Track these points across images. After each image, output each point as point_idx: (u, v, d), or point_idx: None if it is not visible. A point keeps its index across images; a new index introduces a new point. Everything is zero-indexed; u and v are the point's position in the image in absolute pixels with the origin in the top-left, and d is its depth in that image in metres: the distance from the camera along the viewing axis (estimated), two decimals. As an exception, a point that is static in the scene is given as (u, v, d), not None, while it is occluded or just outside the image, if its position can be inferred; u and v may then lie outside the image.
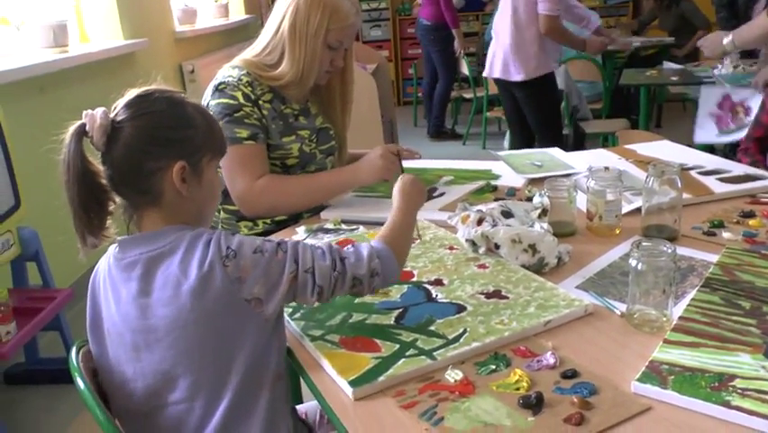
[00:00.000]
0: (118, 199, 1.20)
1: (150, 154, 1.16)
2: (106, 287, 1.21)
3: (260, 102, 1.94)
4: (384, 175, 1.94)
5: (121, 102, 1.19)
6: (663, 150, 2.43)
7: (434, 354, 1.17)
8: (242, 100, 1.91)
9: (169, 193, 1.18)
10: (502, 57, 4.11)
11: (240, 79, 1.93)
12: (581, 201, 1.78)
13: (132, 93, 1.20)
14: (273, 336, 1.18)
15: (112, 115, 1.17)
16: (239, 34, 6.49)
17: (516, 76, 4.07)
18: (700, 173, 2.10)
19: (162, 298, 1.13)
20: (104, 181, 1.17)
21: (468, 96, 7.13)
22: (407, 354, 1.18)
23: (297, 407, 1.54)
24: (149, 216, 1.20)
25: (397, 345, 1.20)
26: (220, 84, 1.94)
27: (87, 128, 1.16)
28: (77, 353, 1.24)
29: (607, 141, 5.01)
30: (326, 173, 2.04)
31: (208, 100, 1.95)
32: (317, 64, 1.95)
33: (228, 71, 1.97)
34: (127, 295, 1.17)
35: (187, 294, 1.11)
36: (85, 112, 1.17)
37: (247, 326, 1.14)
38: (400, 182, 1.46)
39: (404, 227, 1.35)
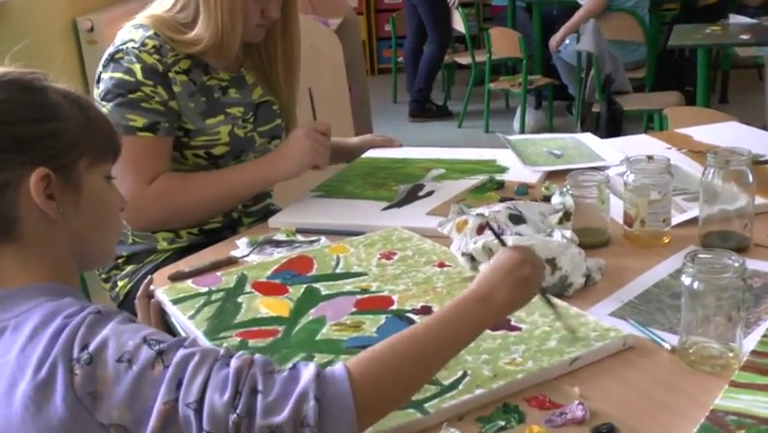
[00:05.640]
0: None
1: None
2: None
3: (171, 74, 1.95)
4: (312, 160, 1.98)
5: None
6: (730, 135, 2.42)
7: (426, 406, 1.18)
8: (140, 76, 1.91)
9: (30, 219, 1.11)
10: None
11: (143, 44, 1.93)
12: (616, 203, 1.80)
13: None
14: None
15: None
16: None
17: None
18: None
19: None
20: None
21: (464, 61, 7.15)
22: (388, 406, 1.19)
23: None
24: (4, 258, 1.13)
25: (374, 395, 1.21)
26: (116, 52, 1.94)
27: None
28: None
29: (651, 122, 5.06)
30: (238, 168, 2.05)
31: (100, 72, 1.96)
32: (240, 18, 1.95)
33: (129, 33, 1.97)
34: None
35: (21, 402, 1.03)
36: None
37: None
38: (503, 255, 1.28)
39: (439, 341, 1.14)
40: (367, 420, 1.05)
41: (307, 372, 1.03)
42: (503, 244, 1.38)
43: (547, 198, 1.89)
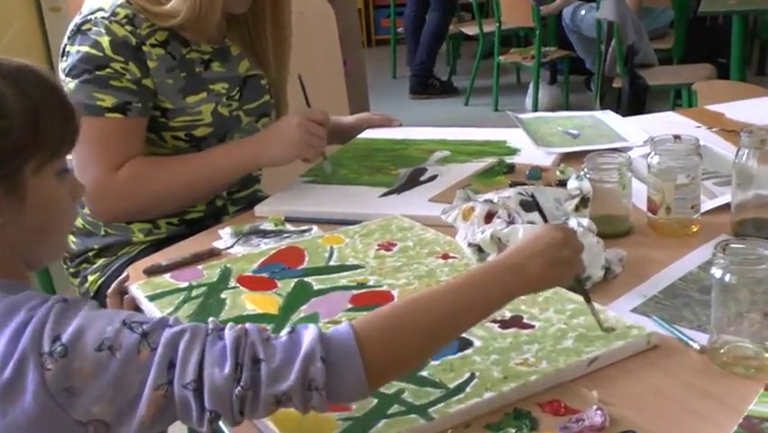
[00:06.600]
0: None
1: None
2: None
3: (146, 48, 1.94)
4: (301, 152, 1.98)
5: None
6: (767, 111, 2.42)
7: (429, 411, 1.19)
8: (109, 51, 1.90)
9: None
10: None
11: (114, 14, 1.92)
12: (639, 188, 1.81)
13: None
14: None
15: None
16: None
17: None
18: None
19: None
20: None
21: (471, 31, 7.14)
22: (390, 412, 1.19)
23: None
24: None
25: (375, 400, 1.21)
26: (83, 22, 1.93)
27: None
28: None
29: (679, 98, 5.06)
30: (217, 150, 2.04)
31: (66, 45, 1.95)
32: None
33: (98, 1, 1.95)
34: None
35: None
36: None
37: None
38: (543, 230, 1.31)
39: (456, 306, 1.17)
40: (376, 382, 1.09)
41: (309, 333, 1.05)
42: (545, 220, 1.40)
43: (562, 183, 1.89)
